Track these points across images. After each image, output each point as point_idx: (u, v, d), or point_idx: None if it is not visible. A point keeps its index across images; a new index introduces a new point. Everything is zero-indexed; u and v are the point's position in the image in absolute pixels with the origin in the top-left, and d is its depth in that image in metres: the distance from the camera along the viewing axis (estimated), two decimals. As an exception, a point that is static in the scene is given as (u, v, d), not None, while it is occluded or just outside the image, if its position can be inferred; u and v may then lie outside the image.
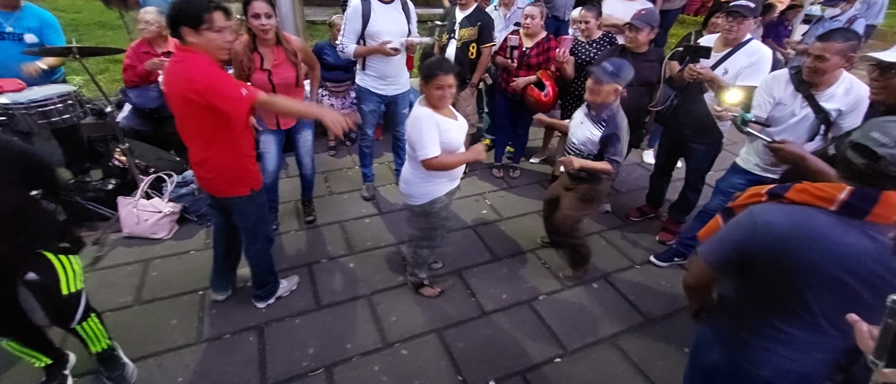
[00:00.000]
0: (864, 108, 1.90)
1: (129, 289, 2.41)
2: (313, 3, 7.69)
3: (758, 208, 1.09)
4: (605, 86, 2.07)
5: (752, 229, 1.05)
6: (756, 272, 1.09)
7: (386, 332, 2.24)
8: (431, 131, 1.89)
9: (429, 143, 1.89)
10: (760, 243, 1.03)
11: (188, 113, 1.72)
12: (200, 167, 1.88)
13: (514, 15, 3.53)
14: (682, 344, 2.23)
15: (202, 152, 1.83)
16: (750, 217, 1.08)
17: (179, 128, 1.81)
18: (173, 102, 1.74)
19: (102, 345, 1.84)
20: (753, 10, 2.34)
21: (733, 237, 1.11)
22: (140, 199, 2.73)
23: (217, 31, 1.64)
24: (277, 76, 2.35)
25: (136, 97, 3.02)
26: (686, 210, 2.96)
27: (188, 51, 1.64)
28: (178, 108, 1.73)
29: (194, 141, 1.83)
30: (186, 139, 1.84)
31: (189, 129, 1.80)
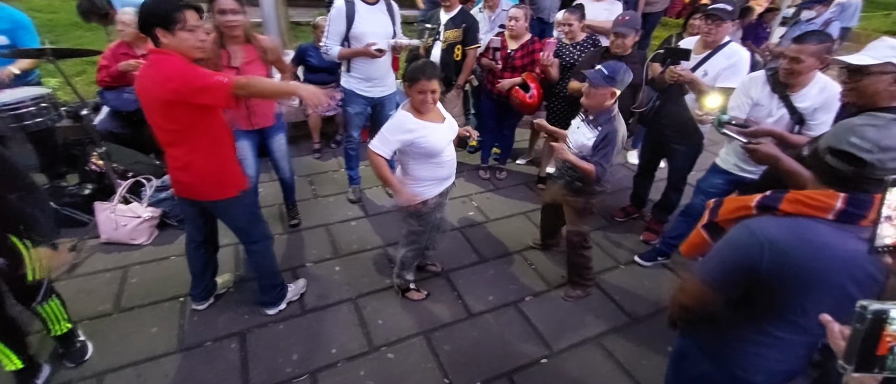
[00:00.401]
0: (836, 106, 1.96)
1: (108, 297, 2.35)
2: (298, 4, 7.62)
3: (756, 225, 1.04)
4: (601, 90, 2.06)
5: (757, 248, 1.00)
6: (759, 287, 1.05)
7: (372, 336, 2.22)
8: (393, 133, 1.92)
9: (383, 141, 1.92)
10: (769, 262, 0.99)
11: (167, 116, 1.67)
12: (183, 172, 1.82)
13: (498, 17, 3.54)
14: (666, 343, 2.25)
15: (185, 156, 1.77)
16: (750, 235, 1.03)
17: (158, 133, 1.76)
18: (150, 107, 1.69)
19: (63, 328, 1.87)
20: (731, 13, 2.40)
21: (736, 258, 1.06)
22: (118, 205, 2.66)
23: (190, 31, 1.60)
24: (247, 74, 2.27)
25: (113, 99, 2.96)
26: (669, 210, 3.01)
27: (161, 52, 1.61)
28: (157, 111, 1.67)
29: (176, 145, 1.77)
30: (166, 144, 1.78)
31: (169, 134, 1.74)
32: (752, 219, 1.06)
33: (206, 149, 1.78)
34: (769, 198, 1.05)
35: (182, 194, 1.95)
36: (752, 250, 1.01)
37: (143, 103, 1.71)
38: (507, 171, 3.82)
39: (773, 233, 1.00)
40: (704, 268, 1.13)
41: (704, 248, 1.21)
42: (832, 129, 1.02)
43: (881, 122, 0.93)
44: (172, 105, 1.61)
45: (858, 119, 0.97)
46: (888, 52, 1.53)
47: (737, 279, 1.07)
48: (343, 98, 3.01)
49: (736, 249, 1.06)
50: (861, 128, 0.94)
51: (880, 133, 0.92)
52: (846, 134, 0.95)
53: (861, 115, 1.00)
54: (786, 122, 2.08)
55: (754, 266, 1.01)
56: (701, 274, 1.13)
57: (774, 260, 0.98)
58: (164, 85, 1.58)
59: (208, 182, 1.86)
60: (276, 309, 2.29)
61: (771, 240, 0.99)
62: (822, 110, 1.99)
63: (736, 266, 1.06)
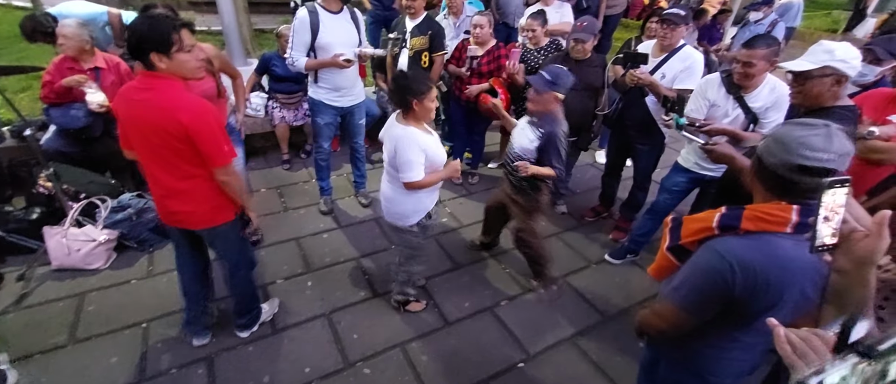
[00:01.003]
0: (786, 105, 2.08)
1: (62, 328, 2.21)
2: (261, 11, 7.44)
3: (723, 247, 1.04)
4: (545, 94, 2.11)
5: (728, 271, 1.02)
6: (732, 306, 1.07)
7: (347, 352, 2.18)
8: (419, 155, 1.85)
9: (417, 167, 1.85)
10: (741, 283, 1.01)
11: (161, 143, 1.58)
12: (175, 200, 1.73)
13: (463, 23, 3.57)
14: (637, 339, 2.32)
15: (179, 183, 1.68)
16: (720, 259, 1.03)
17: (145, 159, 1.67)
18: (140, 132, 1.59)
19: None
20: (684, 17, 2.50)
21: (708, 284, 1.06)
22: (69, 228, 2.51)
23: (187, 51, 1.55)
24: (197, 88, 2.19)
25: (59, 117, 2.77)
26: (635, 208, 3.10)
27: (156, 77, 1.53)
28: (149, 138, 1.59)
29: (168, 172, 1.67)
30: (155, 171, 1.68)
31: (161, 161, 1.64)
32: (717, 241, 1.07)
33: (204, 174, 1.69)
34: (729, 217, 1.06)
35: (174, 224, 1.84)
36: (724, 274, 1.02)
37: (131, 127, 1.61)
38: (479, 176, 3.84)
39: (741, 255, 1.01)
40: (678, 294, 1.13)
41: (672, 270, 1.21)
42: (773, 145, 1.01)
43: (821, 131, 0.97)
44: (169, 135, 1.55)
45: (795, 131, 0.99)
46: (824, 56, 1.64)
47: (711, 303, 1.07)
48: (311, 108, 2.96)
49: (707, 274, 1.06)
50: (807, 139, 0.95)
51: (830, 140, 0.95)
52: (798, 148, 0.95)
53: (790, 126, 1.03)
54: (741, 121, 2.19)
55: (728, 289, 1.02)
56: (675, 300, 1.14)
57: (746, 280, 1.00)
58: (169, 114, 1.52)
59: (206, 207, 1.77)
60: (250, 331, 2.22)
61: (740, 261, 1.00)
62: (773, 109, 2.11)
63: (710, 291, 1.06)
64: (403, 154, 1.84)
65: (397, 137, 1.87)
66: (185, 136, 1.55)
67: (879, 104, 1.96)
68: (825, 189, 0.78)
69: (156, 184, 1.73)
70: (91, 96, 2.63)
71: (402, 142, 1.84)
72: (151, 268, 2.64)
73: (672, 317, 1.17)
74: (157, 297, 2.42)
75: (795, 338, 0.71)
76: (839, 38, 8.69)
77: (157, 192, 1.76)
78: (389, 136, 1.93)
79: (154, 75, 1.53)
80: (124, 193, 2.88)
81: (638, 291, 2.69)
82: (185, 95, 1.57)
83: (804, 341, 0.71)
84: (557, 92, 2.13)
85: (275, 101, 3.67)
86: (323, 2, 2.62)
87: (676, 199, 2.64)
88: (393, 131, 1.91)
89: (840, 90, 1.69)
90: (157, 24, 1.47)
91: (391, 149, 1.91)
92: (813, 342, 0.71)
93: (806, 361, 0.68)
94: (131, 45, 1.50)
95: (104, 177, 3.02)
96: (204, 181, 1.70)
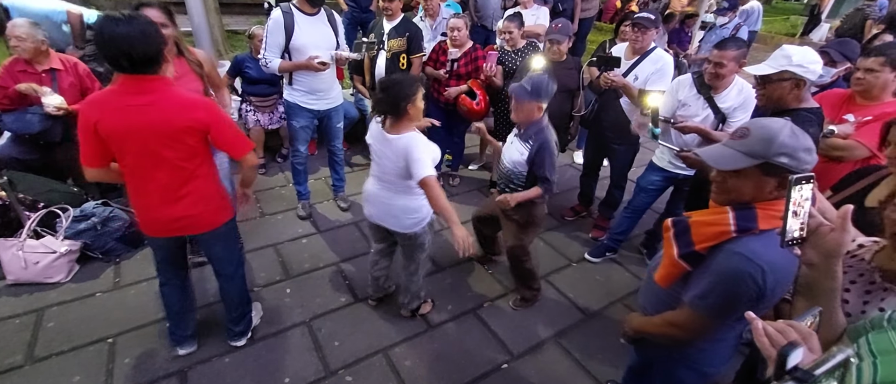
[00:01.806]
0: (752, 105, 2.17)
1: (19, 347, 2.07)
2: (233, 12, 7.26)
3: (748, 250, 1.04)
4: (526, 104, 2.06)
5: (761, 275, 1.02)
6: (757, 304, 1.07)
7: (328, 360, 2.13)
8: (427, 150, 1.82)
9: (430, 162, 1.81)
10: (771, 283, 1.02)
11: (167, 146, 1.54)
12: (179, 204, 1.67)
13: (439, 25, 3.57)
14: (618, 335, 2.36)
15: (184, 186, 1.65)
16: (749, 263, 1.03)
17: (142, 168, 1.58)
18: (140, 139, 1.51)
19: None
20: (654, 21, 2.58)
21: (741, 290, 1.05)
22: (26, 240, 2.36)
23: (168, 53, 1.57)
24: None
25: (13, 122, 2.60)
26: (613, 206, 3.17)
27: (149, 80, 1.48)
28: (150, 144, 1.52)
29: (173, 176, 1.62)
30: (156, 177, 1.60)
31: (164, 166, 1.58)
32: (738, 244, 1.06)
33: (206, 174, 1.69)
34: (744, 218, 1.06)
35: (175, 232, 1.77)
36: (755, 277, 1.02)
37: (125, 136, 1.50)
38: (460, 177, 3.84)
39: (768, 257, 1.02)
40: (705, 302, 1.11)
41: (679, 276, 1.20)
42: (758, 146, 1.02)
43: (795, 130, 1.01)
44: (180, 135, 1.54)
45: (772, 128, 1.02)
46: (783, 62, 1.72)
47: (742, 307, 1.04)
48: (286, 111, 2.88)
49: (737, 280, 1.05)
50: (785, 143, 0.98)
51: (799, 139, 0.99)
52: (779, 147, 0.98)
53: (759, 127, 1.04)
54: (711, 120, 2.27)
55: (760, 291, 1.03)
56: (701, 308, 1.13)
57: (775, 279, 1.02)
58: (189, 113, 1.54)
59: (211, 208, 1.76)
60: (246, 339, 2.16)
61: (770, 263, 1.02)
62: (740, 109, 2.20)
63: (742, 295, 1.05)
64: (412, 152, 1.79)
65: (405, 148, 1.80)
66: (204, 132, 1.58)
67: (835, 104, 2.07)
68: (792, 185, 0.81)
69: (155, 192, 1.64)
70: (47, 99, 2.49)
71: (411, 148, 1.79)
72: (118, 279, 2.51)
73: (696, 325, 1.15)
74: (125, 310, 2.30)
75: (772, 331, 0.73)
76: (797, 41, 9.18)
77: (153, 202, 1.66)
78: (392, 150, 1.84)
79: (145, 79, 1.48)
80: (88, 202, 2.73)
81: (618, 288, 2.74)
82: (189, 94, 1.60)
83: (780, 333, 0.73)
84: (540, 102, 2.06)
85: (249, 103, 3.57)
86: (298, 3, 2.56)
87: (652, 197, 2.71)
88: (396, 144, 1.82)
89: (802, 93, 1.77)
90: (151, 39, 1.41)
91: (398, 160, 1.82)
92: (789, 333, 0.73)
93: None
94: (137, 61, 1.41)
95: (66, 184, 2.86)
96: (206, 181, 1.71)
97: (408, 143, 1.81)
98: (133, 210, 1.76)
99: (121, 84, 1.49)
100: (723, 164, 1.06)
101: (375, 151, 1.95)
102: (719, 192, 1.12)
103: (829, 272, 0.83)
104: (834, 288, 0.84)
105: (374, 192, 2.03)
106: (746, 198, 1.08)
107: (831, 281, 0.84)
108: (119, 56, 1.38)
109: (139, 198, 1.67)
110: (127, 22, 1.37)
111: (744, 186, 1.07)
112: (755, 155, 1.02)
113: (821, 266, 0.83)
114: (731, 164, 1.05)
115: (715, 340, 1.24)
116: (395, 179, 1.92)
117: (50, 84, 2.60)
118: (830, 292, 0.85)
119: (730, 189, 1.09)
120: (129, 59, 1.40)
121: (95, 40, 1.39)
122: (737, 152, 1.05)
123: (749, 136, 1.04)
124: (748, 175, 1.05)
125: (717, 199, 1.14)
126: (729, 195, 1.10)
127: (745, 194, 1.07)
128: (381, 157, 1.92)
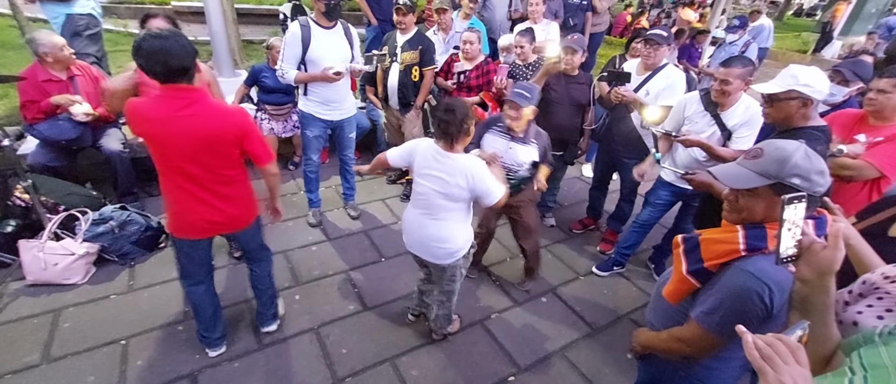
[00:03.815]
0: (759, 122, 2.18)
1: (36, 346, 2.12)
2: (250, 22, 7.43)
3: (756, 268, 1.05)
4: (525, 109, 2.18)
5: (768, 294, 1.03)
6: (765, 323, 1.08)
7: (336, 367, 2.14)
8: (491, 175, 1.82)
9: (499, 185, 1.82)
10: (778, 301, 1.04)
11: (211, 152, 1.66)
12: (222, 206, 1.78)
13: (452, 39, 3.64)
14: (625, 350, 2.35)
15: (226, 189, 1.77)
16: (757, 282, 1.04)
17: (186, 173, 1.67)
18: (188, 146, 1.61)
19: None
20: (666, 37, 2.61)
21: (748, 308, 1.06)
22: (47, 242, 2.42)
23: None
24: None
25: (48, 129, 2.69)
26: (622, 220, 3.17)
27: (189, 90, 1.59)
28: (194, 150, 1.63)
29: (217, 181, 1.73)
30: (202, 181, 1.70)
31: (208, 172, 1.69)
32: (747, 263, 1.07)
33: (242, 175, 1.84)
34: (754, 237, 1.07)
35: (212, 233, 1.89)
36: (762, 296, 1.04)
37: (173, 143, 1.60)
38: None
39: (777, 276, 1.03)
40: (712, 319, 1.12)
41: (688, 293, 1.21)
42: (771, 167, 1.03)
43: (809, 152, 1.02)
44: (228, 139, 1.66)
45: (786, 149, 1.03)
46: (790, 81, 1.73)
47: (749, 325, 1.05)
48: (300, 120, 2.95)
49: (745, 298, 1.06)
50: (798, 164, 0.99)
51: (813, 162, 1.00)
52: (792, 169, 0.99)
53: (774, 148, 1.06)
54: (717, 137, 2.28)
55: (766, 310, 1.05)
56: (708, 325, 1.13)
57: (782, 299, 1.03)
58: (228, 119, 1.66)
59: (247, 207, 1.91)
60: (277, 323, 2.29)
61: (777, 282, 1.03)
62: (745, 126, 2.21)
63: (749, 313, 1.06)
64: (482, 180, 1.78)
65: (468, 170, 1.76)
66: (240, 139, 1.69)
67: (847, 124, 2.08)
68: (785, 204, 0.83)
69: (197, 197, 1.73)
70: (76, 108, 2.59)
71: (475, 172, 1.77)
72: (133, 282, 2.56)
73: (703, 341, 1.16)
74: (138, 313, 2.34)
75: (762, 343, 0.75)
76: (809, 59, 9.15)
77: (194, 206, 1.74)
78: (451, 168, 1.77)
79: (185, 89, 1.58)
80: (106, 206, 2.80)
81: (625, 303, 2.73)
82: (224, 103, 1.75)
83: (769, 346, 0.75)
84: (534, 106, 2.24)
85: (264, 112, 3.64)
86: (315, 16, 2.64)
87: (660, 212, 2.71)
88: (457, 162, 1.77)
89: (809, 112, 1.77)
90: (183, 51, 1.52)
91: (457, 178, 1.77)
92: (777, 346, 0.75)
93: (772, 365, 0.73)
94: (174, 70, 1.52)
95: (85, 188, 2.94)
96: (243, 184, 1.85)
97: (472, 167, 1.77)
98: (169, 214, 1.80)
99: (163, 94, 1.59)
100: (736, 183, 1.08)
101: (424, 174, 1.84)
102: (731, 210, 1.14)
103: (822, 288, 0.85)
104: (827, 303, 0.86)
105: (411, 218, 1.98)
106: (758, 218, 1.09)
107: (824, 296, 0.86)
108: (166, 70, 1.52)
109: (180, 203, 1.74)
110: (166, 38, 1.51)
111: (756, 206, 1.08)
112: (768, 175, 1.03)
113: (815, 282, 0.86)
114: (744, 183, 1.06)
115: (722, 359, 1.24)
116: (442, 201, 1.83)
117: (72, 91, 2.70)
118: (824, 307, 0.87)
119: (742, 208, 1.10)
120: (167, 68, 1.51)
121: (137, 54, 1.51)
122: (750, 172, 1.06)
123: (763, 156, 1.06)
124: (761, 195, 1.06)
125: (729, 218, 1.15)
126: (741, 214, 1.11)
127: (756, 213, 1.09)
128: (432, 177, 1.82)
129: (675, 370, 1.34)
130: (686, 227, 2.70)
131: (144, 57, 1.49)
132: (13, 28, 5.09)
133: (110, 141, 2.96)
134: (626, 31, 9.84)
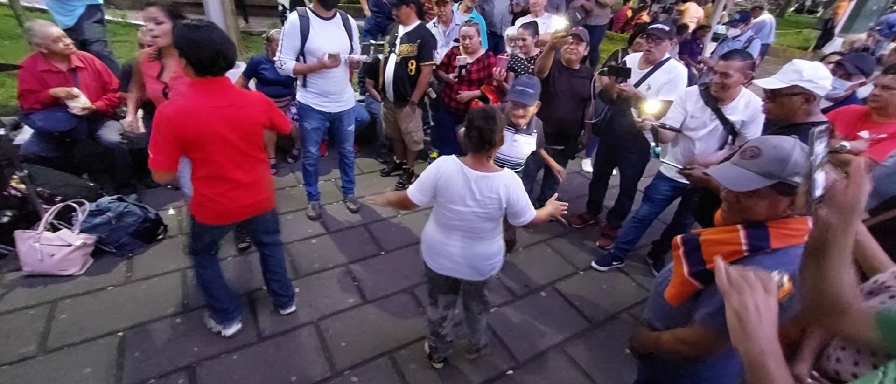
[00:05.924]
0: (761, 119, 2.16)
1: (32, 337, 2.11)
2: (250, 14, 7.36)
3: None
4: (530, 106, 2.24)
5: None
6: None
7: (335, 360, 2.14)
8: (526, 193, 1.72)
9: (530, 202, 1.72)
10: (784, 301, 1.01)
11: (247, 139, 1.75)
12: (254, 189, 1.87)
13: (452, 32, 3.61)
14: (624, 345, 2.35)
15: (256, 172, 1.86)
16: None
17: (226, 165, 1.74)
18: (227, 135, 1.69)
19: None
20: (668, 32, 2.59)
21: None
22: (43, 233, 2.40)
23: None
24: (175, 90, 2.11)
25: (44, 120, 2.66)
26: (621, 216, 3.16)
27: (219, 81, 1.66)
28: (231, 138, 1.70)
29: (251, 165, 1.82)
30: (240, 164, 1.78)
31: (243, 158, 1.78)
32: (751, 263, 1.03)
33: (266, 158, 1.93)
34: (757, 237, 1.05)
35: (246, 216, 1.95)
36: None
37: (213, 133, 1.65)
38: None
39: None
40: (717, 321, 1.06)
41: (690, 294, 1.18)
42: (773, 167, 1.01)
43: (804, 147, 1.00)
44: (257, 126, 1.77)
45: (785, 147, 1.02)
46: (794, 76, 1.71)
47: None
48: (299, 113, 2.92)
49: None
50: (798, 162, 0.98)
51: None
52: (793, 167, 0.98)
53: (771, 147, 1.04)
54: (720, 132, 2.27)
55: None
56: (713, 327, 1.10)
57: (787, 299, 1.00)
58: (259, 105, 1.79)
59: (272, 186, 2.00)
60: (295, 304, 2.37)
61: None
62: (750, 123, 2.20)
63: None
64: (521, 198, 1.67)
65: (507, 186, 1.63)
66: (269, 116, 1.82)
67: (851, 120, 2.07)
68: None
69: (236, 183, 1.80)
70: (74, 102, 2.56)
71: (513, 188, 1.65)
72: (130, 273, 2.55)
73: (707, 343, 1.13)
74: (136, 304, 2.33)
75: (733, 271, 0.75)
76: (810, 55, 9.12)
77: (234, 192, 1.81)
78: (490, 188, 1.62)
79: (216, 81, 1.64)
80: (103, 196, 2.78)
81: (624, 299, 2.73)
82: (246, 91, 1.85)
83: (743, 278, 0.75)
84: (536, 99, 2.29)
85: (262, 104, 3.62)
86: (314, 6, 2.61)
87: (660, 207, 2.70)
88: (496, 180, 1.62)
89: (811, 107, 1.76)
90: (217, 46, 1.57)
91: (494, 196, 1.63)
92: (747, 275, 0.74)
93: (738, 290, 0.72)
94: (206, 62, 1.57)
95: (82, 179, 2.91)
96: (267, 166, 1.97)
97: (511, 182, 1.65)
98: (207, 203, 1.81)
99: (200, 88, 1.62)
100: (738, 186, 1.05)
101: (457, 195, 1.65)
102: (731, 211, 1.12)
103: (847, 228, 0.78)
104: (847, 244, 0.80)
105: (445, 241, 1.78)
106: (760, 217, 1.07)
107: (846, 237, 0.79)
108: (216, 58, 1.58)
109: (221, 190, 1.79)
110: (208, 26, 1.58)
111: (757, 206, 1.06)
112: (770, 175, 1.01)
113: (838, 225, 0.78)
114: (747, 185, 1.04)
115: (725, 358, 1.22)
116: (482, 223, 1.70)
117: (73, 83, 2.67)
118: (843, 249, 0.80)
119: (743, 209, 1.08)
120: (226, 60, 1.60)
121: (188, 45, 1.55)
122: (751, 173, 1.04)
123: (762, 155, 1.04)
124: (763, 195, 1.04)
125: (729, 219, 1.13)
126: (742, 214, 1.09)
127: (758, 213, 1.07)
128: (468, 199, 1.64)
129: (676, 369, 1.33)
130: (686, 222, 2.70)
131: (197, 45, 1.54)
132: (10, 17, 5.02)
133: (109, 132, 2.93)
134: (628, 26, 9.79)
